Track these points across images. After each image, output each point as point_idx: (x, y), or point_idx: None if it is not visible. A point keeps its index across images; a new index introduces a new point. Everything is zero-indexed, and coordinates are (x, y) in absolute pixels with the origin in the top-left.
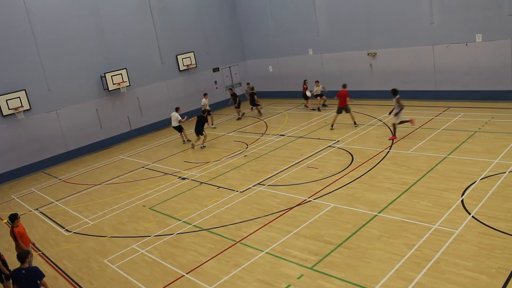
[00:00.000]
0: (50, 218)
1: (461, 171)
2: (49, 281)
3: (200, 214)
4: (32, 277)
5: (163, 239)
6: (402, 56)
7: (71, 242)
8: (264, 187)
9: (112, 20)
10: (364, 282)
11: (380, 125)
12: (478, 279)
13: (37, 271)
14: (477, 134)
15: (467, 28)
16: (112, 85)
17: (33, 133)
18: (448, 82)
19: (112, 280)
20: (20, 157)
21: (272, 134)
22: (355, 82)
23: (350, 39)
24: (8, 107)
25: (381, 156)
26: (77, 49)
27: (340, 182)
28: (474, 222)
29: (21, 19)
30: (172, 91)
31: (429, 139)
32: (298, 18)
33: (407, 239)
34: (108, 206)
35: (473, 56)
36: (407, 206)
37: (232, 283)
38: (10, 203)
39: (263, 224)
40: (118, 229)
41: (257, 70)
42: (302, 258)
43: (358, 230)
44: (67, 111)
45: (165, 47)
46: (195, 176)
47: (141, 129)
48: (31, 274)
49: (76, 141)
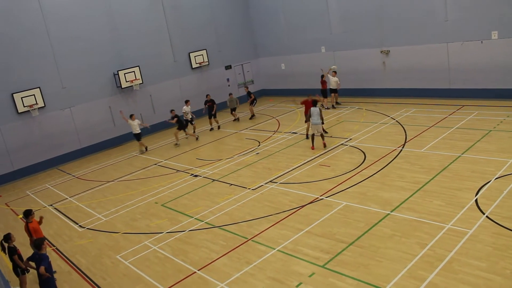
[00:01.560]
0: (64, 214)
1: (475, 170)
2: (63, 276)
3: (212, 211)
4: (39, 262)
5: (175, 236)
6: (415, 53)
7: (85, 238)
8: (276, 184)
9: (125, 18)
10: (376, 281)
11: (393, 124)
12: (492, 280)
13: (41, 258)
14: (492, 133)
15: (483, 25)
16: (125, 82)
17: (47, 130)
18: (462, 80)
19: (125, 276)
20: (35, 153)
21: (285, 132)
22: (368, 80)
23: (363, 37)
24: (23, 105)
25: (394, 154)
26: (91, 47)
27: (352, 181)
28: (488, 222)
29: (36, 18)
30: (184, 89)
31: (443, 138)
32: (310, 16)
33: (419, 239)
34: (121, 202)
35: (488, 54)
36: (420, 205)
37: (244, 280)
38: (25, 199)
39: (274, 222)
40: (131, 225)
41: (269, 67)
42: (313, 256)
43: (370, 229)
44: (81, 109)
45: (178, 44)
46: (207, 174)
47: (153, 126)
48: (40, 259)
49: (90, 138)
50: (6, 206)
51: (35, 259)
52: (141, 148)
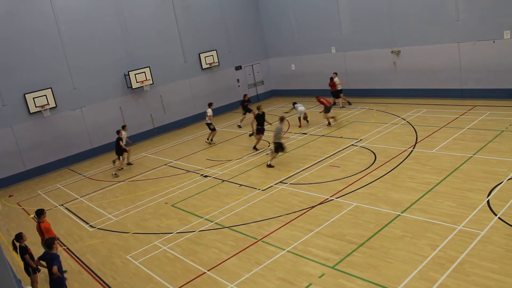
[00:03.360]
0: (74, 213)
1: (487, 171)
2: (73, 275)
3: (222, 212)
4: (51, 262)
5: (185, 236)
6: (426, 53)
7: (95, 237)
8: (286, 185)
9: (136, 19)
10: (386, 282)
11: (403, 124)
12: (504, 282)
13: (53, 257)
14: (504, 133)
15: (495, 25)
16: (135, 83)
17: (59, 130)
18: (474, 80)
19: (135, 275)
20: (46, 153)
21: (295, 132)
22: (379, 81)
23: (374, 37)
24: (35, 105)
25: (405, 155)
26: (102, 48)
27: (362, 181)
28: (500, 223)
29: (47, 19)
30: (194, 89)
31: (454, 138)
32: (320, 16)
33: (430, 240)
34: (131, 202)
35: (500, 54)
36: (430, 206)
37: (253, 281)
38: (37, 198)
39: (284, 222)
40: (141, 225)
41: (279, 68)
42: (323, 257)
43: (380, 230)
44: (92, 109)
45: (188, 45)
46: (217, 174)
47: (163, 126)
48: (51, 258)
49: (100, 139)
50: (18, 206)
51: (46, 259)
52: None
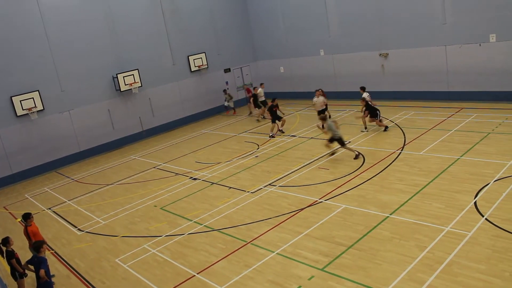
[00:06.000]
0: (62, 217)
1: (474, 172)
2: (61, 280)
3: (211, 215)
4: (38, 265)
5: (174, 239)
6: (414, 56)
7: (83, 241)
8: (275, 188)
9: (124, 22)
10: (375, 284)
11: (392, 126)
12: (491, 283)
13: (40, 261)
14: (491, 135)
15: (481, 28)
16: (124, 85)
17: (46, 133)
18: (461, 83)
19: (124, 279)
20: (34, 157)
21: (284, 135)
22: (367, 83)
23: (362, 40)
24: (22, 108)
25: (393, 157)
26: (90, 50)
27: (351, 183)
28: (487, 224)
29: (35, 21)
30: (183, 92)
31: (442, 140)
32: (309, 19)
33: (419, 241)
34: (120, 206)
35: (486, 57)
36: (419, 208)
37: (243, 283)
38: (24, 202)
39: (274, 225)
40: (130, 228)
41: (268, 71)
42: (313, 259)
43: (369, 232)
44: (80, 112)
45: (177, 48)
46: (206, 177)
47: (152, 129)
48: (39, 262)
49: (89, 142)
50: (5, 210)
51: (34, 262)
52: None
